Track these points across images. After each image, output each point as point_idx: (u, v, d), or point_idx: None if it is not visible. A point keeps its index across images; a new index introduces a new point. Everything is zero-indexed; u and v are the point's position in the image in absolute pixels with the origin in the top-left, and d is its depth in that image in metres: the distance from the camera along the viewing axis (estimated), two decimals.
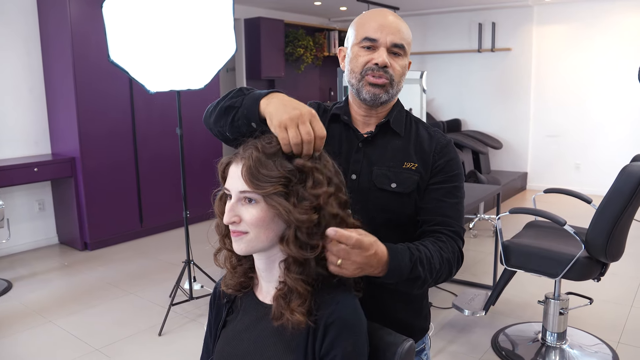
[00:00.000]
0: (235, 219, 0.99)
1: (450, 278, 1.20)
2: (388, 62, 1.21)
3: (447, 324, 3.15)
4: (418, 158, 1.25)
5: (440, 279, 1.17)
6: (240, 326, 1.10)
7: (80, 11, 4.33)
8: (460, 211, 1.25)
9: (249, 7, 6.80)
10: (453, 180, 1.25)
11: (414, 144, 1.27)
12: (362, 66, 1.23)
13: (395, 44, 1.22)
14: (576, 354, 2.78)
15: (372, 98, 1.24)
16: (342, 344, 0.97)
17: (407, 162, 1.24)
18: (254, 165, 0.97)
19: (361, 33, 1.23)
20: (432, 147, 1.26)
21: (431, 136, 1.29)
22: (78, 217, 4.56)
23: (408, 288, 1.13)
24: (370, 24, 1.23)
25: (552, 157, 6.83)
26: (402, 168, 1.23)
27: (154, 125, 4.97)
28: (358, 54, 1.24)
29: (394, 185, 1.22)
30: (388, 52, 1.22)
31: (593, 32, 6.32)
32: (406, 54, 1.25)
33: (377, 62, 1.21)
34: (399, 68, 1.24)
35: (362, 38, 1.23)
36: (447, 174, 1.25)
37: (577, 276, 2.53)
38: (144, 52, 2.98)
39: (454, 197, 1.25)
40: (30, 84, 4.61)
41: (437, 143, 1.27)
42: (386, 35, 1.21)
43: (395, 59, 1.23)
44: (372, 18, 1.24)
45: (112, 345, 2.95)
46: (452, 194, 1.24)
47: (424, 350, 1.38)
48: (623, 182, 2.39)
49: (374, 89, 1.22)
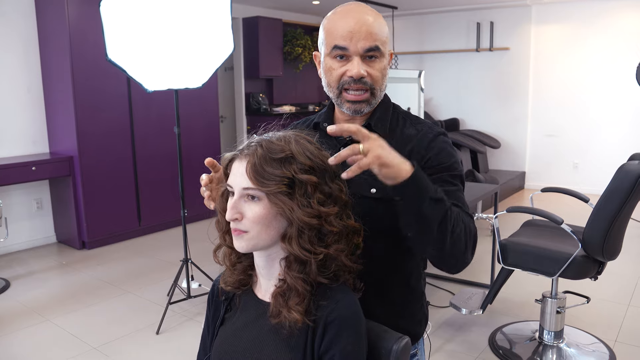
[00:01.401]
0: (237, 216, 0.98)
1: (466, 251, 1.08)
2: (364, 73, 1.13)
3: (445, 322, 3.15)
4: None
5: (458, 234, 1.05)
6: (238, 324, 1.10)
7: (78, 10, 4.32)
8: (462, 198, 1.15)
9: (247, 6, 6.79)
10: (448, 169, 1.17)
11: (397, 143, 1.17)
12: (338, 80, 1.16)
13: (368, 49, 1.13)
14: (573, 352, 2.78)
15: (353, 113, 1.19)
16: (341, 343, 0.97)
17: None
18: (258, 162, 0.96)
19: (330, 41, 1.15)
20: (418, 144, 1.19)
21: (418, 132, 1.21)
22: (76, 216, 4.55)
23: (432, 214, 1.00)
24: (338, 30, 1.13)
25: (550, 157, 6.84)
26: None
27: (152, 124, 4.97)
28: (331, 66, 1.16)
29: (373, 191, 1.15)
30: (362, 58, 1.14)
31: (591, 32, 6.34)
32: (383, 53, 1.16)
33: (352, 75, 1.13)
34: (377, 73, 1.16)
35: (332, 47, 1.15)
36: (440, 164, 1.17)
37: (574, 275, 2.54)
38: (141, 51, 2.98)
39: (452, 184, 1.15)
40: (28, 83, 4.60)
41: (422, 139, 1.20)
42: (357, 42, 1.12)
43: (371, 64, 1.15)
44: (340, 23, 1.14)
45: (109, 344, 2.95)
46: (449, 182, 1.15)
47: (415, 355, 1.35)
48: (620, 181, 2.39)
49: (355, 105, 1.17)
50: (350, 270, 1.05)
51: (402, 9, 7.17)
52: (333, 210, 0.99)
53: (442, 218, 1.02)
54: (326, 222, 0.98)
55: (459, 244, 1.06)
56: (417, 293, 1.32)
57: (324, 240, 1.00)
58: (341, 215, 1.01)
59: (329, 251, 0.99)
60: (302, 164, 0.97)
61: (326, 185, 0.99)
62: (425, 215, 1.00)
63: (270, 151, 0.97)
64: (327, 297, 0.99)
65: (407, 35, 7.54)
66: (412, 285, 1.29)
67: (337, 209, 0.99)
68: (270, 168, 0.95)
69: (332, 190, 1.00)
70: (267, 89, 7.40)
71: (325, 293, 1.00)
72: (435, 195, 1.00)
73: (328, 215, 0.98)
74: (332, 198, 1.00)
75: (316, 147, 1.03)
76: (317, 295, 1.00)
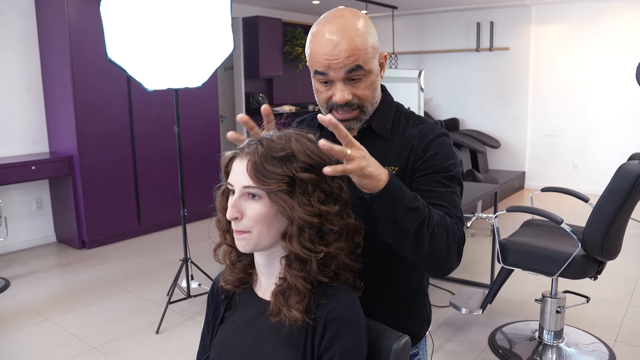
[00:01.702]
0: (237, 214, 0.98)
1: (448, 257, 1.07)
2: (349, 97, 1.12)
3: (444, 322, 3.15)
4: (402, 158, 1.18)
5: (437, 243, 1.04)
6: (238, 322, 1.10)
7: (78, 9, 4.32)
8: (455, 200, 1.14)
9: (247, 6, 6.79)
10: (443, 170, 1.15)
11: (399, 144, 1.19)
12: (326, 103, 1.16)
13: (349, 71, 1.10)
14: (573, 352, 2.78)
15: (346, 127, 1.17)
16: (341, 341, 0.96)
17: (388, 165, 1.14)
18: (259, 161, 0.96)
19: (312, 64, 1.14)
20: (418, 144, 1.18)
21: (420, 132, 1.20)
22: (76, 216, 4.55)
23: (407, 223, 1.01)
24: (317, 55, 1.11)
25: (549, 156, 6.84)
26: None
27: (152, 124, 4.97)
28: (318, 89, 1.16)
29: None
30: (345, 81, 1.12)
31: (591, 32, 6.34)
32: (369, 69, 1.12)
33: (337, 101, 1.13)
34: (363, 92, 1.14)
35: (314, 71, 1.14)
36: (435, 165, 1.15)
37: (574, 275, 2.54)
38: (141, 50, 2.98)
39: (445, 186, 1.14)
40: (28, 82, 4.60)
41: (423, 139, 1.18)
42: (335, 69, 1.10)
43: (356, 85, 1.13)
44: (318, 43, 1.12)
45: (109, 343, 2.95)
46: (441, 183, 1.14)
47: (416, 355, 1.35)
48: (620, 181, 2.39)
49: (345, 123, 1.16)
50: (350, 269, 1.05)
51: (402, 9, 7.17)
52: (333, 208, 0.99)
53: (419, 226, 1.02)
54: (327, 220, 0.98)
55: (439, 251, 1.06)
56: (420, 293, 1.31)
57: (324, 239, 1.00)
58: (341, 214, 1.01)
59: (329, 249, 0.99)
60: (303, 162, 0.98)
61: (326, 184, 0.99)
62: (400, 223, 1.01)
63: (270, 149, 0.97)
64: (328, 295, 0.99)
65: (407, 35, 7.54)
66: (414, 285, 1.29)
67: (337, 208, 0.99)
68: (271, 166, 0.95)
69: (333, 189, 1.00)
70: (267, 88, 7.40)
71: (326, 292, 1.00)
72: (411, 205, 1.01)
73: (328, 213, 0.98)
74: (333, 197, 1.00)
75: (316, 145, 1.03)
76: (318, 293, 1.00)
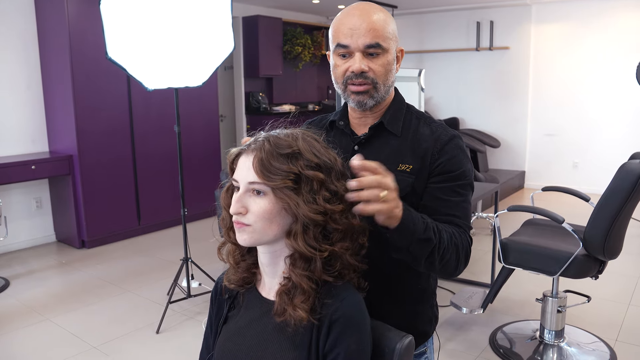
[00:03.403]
0: (242, 210, 0.98)
1: (457, 268, 1.14)
2: (365, 67, 1.17)
3: (445, 321, 3.15)
4: (416, 158, 1.20)
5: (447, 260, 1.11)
6: (242, 322, 1.09)
7: (77, 8, 4.32)
8: (466, 209, 1.20)
9: (247, 5, 6.79)
10: (457, 178, 1.19)
11: (412, 142, 1.22)
12: (342, 75, 1.20)
13: (369, 45, 1.16)
14: (574, 352, 2.78)
15: (358, 105, 1.22)
16: (346, 341, 0.96)
17: (402, 163, 1.19)
18: (265, 157, 0.96)
19: (335, 39, 1.20)
20: (432, 145, 1.20)
21: (433, 132, 1.22)
22: (75, 215, 4.55)
23: (419, 252, 1.06)
24: (341, 28, 1.18)
25: (550, 156, 6.84)
26: (396, 170, 1.16)
27: (152, 123, 4.96)
28: (336, 63, 1.22)
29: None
30: (364, 54, 1.17)
31: (591, 31, 6.33)
32: (386, 49, 1.19)
33: (353, 69, 1.17)
34: (379, 68, 1.18)
35: (335, 45, 1.20)
36: (450, 172, 1.18)
37: (575, 274, 2.54)
38: (141, 50, 2.98)
39: (459, 195, 1.19)
40: (27, 81, 4.59)
41: (437, 140, 1.20)
42: (357, 39, 1.16)
43: (373, 60, 1.18)
44: (343, 21, 1.18)
45: (109, 343, 2.95)
46: (456, 192, 1.18)
47: (424, 353, 1.35)
48: (621, 180, 2.39)
49: (358, 97, 1.20)
50: (355, 269, 1.05)
51: (402, 8, 7.17)
52: (338, 207, 0.98)
53: (430, 253, 1.08)
54: (331, 219, 0.98)
55: (449, 266, 1.13)
56: (428, 293, 1.32)
57: (329, 238, 0.99)
58: (346, 213, 1.00)
59: (334, 248, 0.99)
60: (309, 160, 0.98)
61: (332, 184, 0.99)
62: (412, 252, 1.07)
63: (277, 146, 0.97)
64: (332, 295, 0.99)
65: (407, 34, 7.53)
66: (423, 285, 1.29)
67: (342, 207, 0.99)
68: (277, 163, 0.95)
69: (338, 189, 1.00)
70: (266, 88, 7.39)
71: (330, 291, 0.99)
72: (422, 236, 1.05)
73: (333, 212, 0.98)
74: (338, 197, 1.00)
75: (323, 145, 1.04)
76: (322, 293, 0.99)
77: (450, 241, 1.11)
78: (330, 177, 0.99)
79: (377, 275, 1.11)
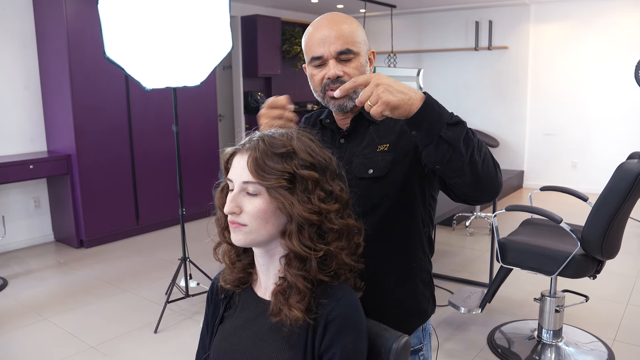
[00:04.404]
0: (236, 209, 0.98)
1: (496, 174, 1.08)
2: (340, 72, 1.23)
3: (443, 321, 3.15)
4: (391, 133, 1.25)
5: (485, 154, 1.05)
6: (238, 322, 1.09)
7: (76, 8, 4.31)
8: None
9: (245, 5, 6.78)
10: None
11: (387, 124, 1.27)
12: (320, 83, 1.27)
13: (340, 52, 1.23)
14: (572, 351, 2.78)
15: (339, 109, 1.29)
16: (342, 341, 0.96)
17: (380, 144, 1.25)
18: (260, 156, 0.96)
19: (309, 54, 1.27)
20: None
21: None
22: (74, 215, 4.54)
23: (454, 138, 0.99)
24: (312, 41, 1.25)
25: (548, 155, 6.85)
26: (375, 152, 1.24)
27: (150, 123, 4.96)
28: (312, 73, 1.28)
29: (370, 172, 1.23)
30: (337, 60, 1.24)
31: (590, 31, 6.34)
32: (358, 53, 1.25)
33: (329, 76, 1.24)
34: (353, 71, 1.25)
35: (310, 59, 1.27)
36: None
37: (573, 274, 2.54)
38: (140, 49, 2.97)
39: None
40: (25, 81, 4.59)
41: None
42: (328, 47, 1.23)
43: (347, 65, 1.24)
44: (313, 34, 1.26)
45: (107, 343, 2.95)
46: None
47: (420, 350, 1.36)
48: (619, 180, 2.39)
49: (337, 101, 1.26)
50: (351, 268, 1.05)
51: (400, 8, 7.16)
52: (333, 207, 0.99)
53: (465, 137, 1.01)
54: (326, 219, 0.98)
55: (489, 164, 1.06)
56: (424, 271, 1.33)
57: (324, 238, 0.99)
58: (342, 213, 1.00)
59: (329, 248, 0.99)
60: (304, 160, 0.98)
61: (327, 184, 0.99)
62: (446, 140, 0.99)
63: (272, 146, 0.97)
64: (328, 295, 0.99)
65: (406, 34, 7.53)
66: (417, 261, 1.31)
67: (337, 206, 0.99)
68: (272, 162, 0.96)
69: (333, 188, 1.00)
70: (265, 87, 7.39)
71: (326, 291, 0.99)
72: (451, 120, 1.01)
73: (328, 212, 0.98)
74: (333, 196, 1.00)
75: (318, 145, 1.04)
76: (318, 293, 0.99)
77: (479, 140, 1.06)
78: (325, 177, 0.99)
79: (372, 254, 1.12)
